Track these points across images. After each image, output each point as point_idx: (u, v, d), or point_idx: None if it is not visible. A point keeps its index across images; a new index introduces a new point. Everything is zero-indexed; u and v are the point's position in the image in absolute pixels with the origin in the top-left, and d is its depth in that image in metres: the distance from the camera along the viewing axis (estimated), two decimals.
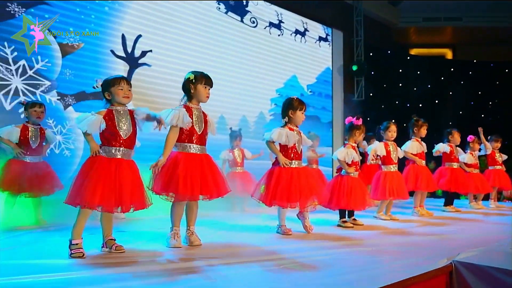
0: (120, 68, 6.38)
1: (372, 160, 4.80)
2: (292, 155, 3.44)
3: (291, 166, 3.42)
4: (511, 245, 2.93)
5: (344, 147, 4.07)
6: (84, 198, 2.43)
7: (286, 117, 3.49)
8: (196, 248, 2.81)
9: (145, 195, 2.68)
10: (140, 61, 6.58)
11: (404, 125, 9.70)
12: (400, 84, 10.54)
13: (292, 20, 8.93)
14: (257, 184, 3.54)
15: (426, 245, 2.97)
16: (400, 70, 10.58)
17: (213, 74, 7.28)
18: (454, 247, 2.78)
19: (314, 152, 6.55)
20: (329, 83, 9.80)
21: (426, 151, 5.32)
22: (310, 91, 9.18)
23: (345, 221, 3.95)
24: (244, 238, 3.32)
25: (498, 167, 6.50)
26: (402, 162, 6.00)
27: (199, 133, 2.87)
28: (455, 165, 5.72)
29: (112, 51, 6.29)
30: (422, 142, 5.31)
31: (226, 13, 7.72)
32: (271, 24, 8.46)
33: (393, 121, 5.14)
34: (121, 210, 2.58)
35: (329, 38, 9.82)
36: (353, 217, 4.11)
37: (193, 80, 2.88)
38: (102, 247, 2.64)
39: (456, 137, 5.81)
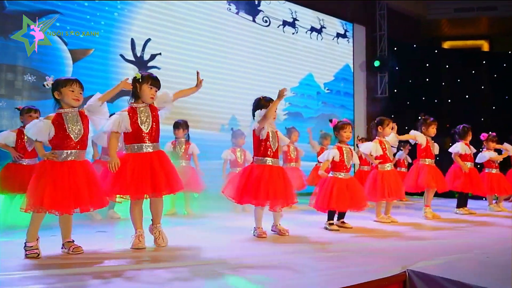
0: (130, 73, 6.56)
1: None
2: (267, 152, 3.39)
3: (266, 163, 3.38)
4: (493, 253, 2.72)
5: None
6: (34, 202, 2.51)
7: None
8: (159, 250, 2.83)
9: (103, 194, 2.74)
10: (149, 64, 6.75)
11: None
12: (427, 79, 10.06)
13: (308, 17, 8.79)
14: (229, 181, 3.52)
15: (393, 251, 2.82)
16: (427, 65, 10.09)
17: (224, 75, 7.43)
18: (421, 254, 2.63)
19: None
20: (348, 80, 9.56)
21: (437, 152, 5.03)
22: (328, 89, 9.00)
23: (332, 224, 3.83)
24: (216, 240, 3.32)
25: None
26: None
27: (147, 131, 2.87)
28: (469, 164, 5.37)
29: (122, 56, 6.50)
30: (435, 143, 5.03)
31: (237, 13, 7.73)
32: (285, 23, 8.38)
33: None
34: (80, 211, 2.64)
35: (348, 34, 9.58)
36: (342, 220, 3.98)
37: (139, 80, 2.88)
38: (62, 248, 2.73)
39: (469, 134, 5.47)
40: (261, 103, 3.43)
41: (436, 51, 10.38)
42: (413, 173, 4.87)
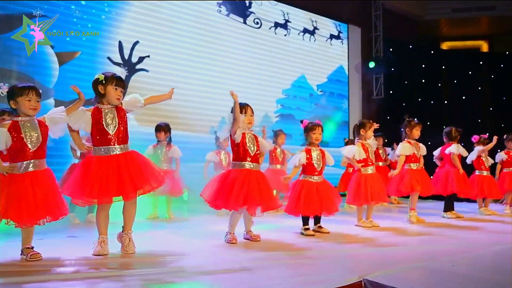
0: None
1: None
2: (245, 156, 3.35)
3: (244, 167, 3.33)
4: (461, 261, 2.65)
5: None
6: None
7: None
8: (124, 257, 2.78)
9: (64, 202, 2.72)
10: (137, 67, 6.72)
11: (428, 123, 9.20)
12: (424, 80, 9.95)
13: (300, 19, 8.72)
14: (207, 184, 3.47)
15: (358, 258, 2.76)
16: (424, 65, 9.98)
17: (214, 78, 7.38)
18: (386, 262, 2.56)
19: None
20: (342, 82, 9.48)
21: (424, 153, 4.92)
22: (321, 91, 8.92)
23: (307, 229, 3.76)
24: (186, 245, 3.28)
25: None
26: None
27: (112, 133, 2.82)
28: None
29: (109, 58, 6.47)
30: (420, 144, 4.92)
31: (227, 15, 7.69)
32: (277, 24, 8.32)
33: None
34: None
35: (342, 35, 9.49)
36: (318, 225, 3.91)
37: (103, 81, 2.81)
38: (21, 254, 2.70)
39: (459, 137, 5.37)
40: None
41: (432, 51, 10.25)
42: (397, 178, 4.75)
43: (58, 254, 2.80)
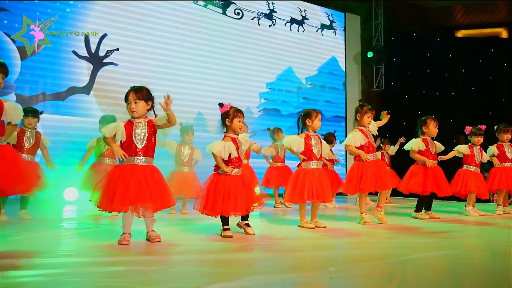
0: (84, 72, 6.39)
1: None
2: (136, 150, 2.97)
3: (133, 163, 2.97)
4: (348, 273, 2.18)
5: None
6: None
7: None
8: None
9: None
10: (105, 61, 6.53)
11: (433, 116, 8.49)
12: (428, 70, 9.21)
13: (287, 8, 8.27)
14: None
15: (230, 265, 2.31)
16: (428, 55, 9.24)
17: (189, 72, 7.06)
18: (249, 272, 2.13)
19: (276, 149, 5.90)
20: (335, 74, 8.90)
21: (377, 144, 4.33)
22: (310, 84, 8.41)
23: (226, 229, 3.34)
24: (75, 245, 2.98)
25: (508, 164, 5.18)
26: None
27: None
28: (432, 162, 4.66)
29: (74, 52, 6.32)
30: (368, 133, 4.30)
31: (205, 6, 7.37)
32: (260, 15, 7.91)
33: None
34: None
35: (335, 25, 8.93)
36: (246, 222, 3.48)
37: None
38: None
39: (432, 127, 4.77)
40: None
41: (438, 39, 9.47)
42: (354, 173, 4.17)
43: None
